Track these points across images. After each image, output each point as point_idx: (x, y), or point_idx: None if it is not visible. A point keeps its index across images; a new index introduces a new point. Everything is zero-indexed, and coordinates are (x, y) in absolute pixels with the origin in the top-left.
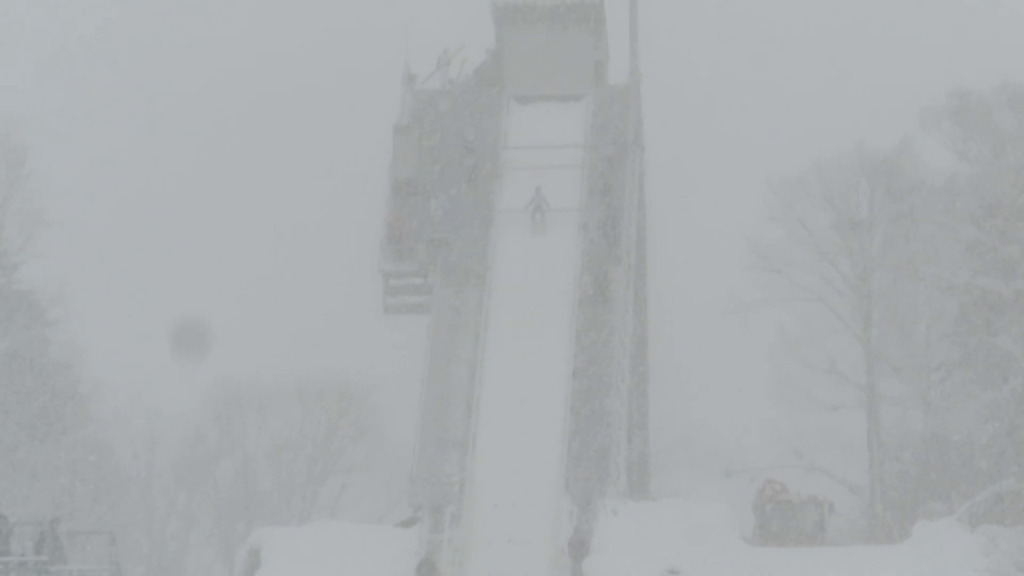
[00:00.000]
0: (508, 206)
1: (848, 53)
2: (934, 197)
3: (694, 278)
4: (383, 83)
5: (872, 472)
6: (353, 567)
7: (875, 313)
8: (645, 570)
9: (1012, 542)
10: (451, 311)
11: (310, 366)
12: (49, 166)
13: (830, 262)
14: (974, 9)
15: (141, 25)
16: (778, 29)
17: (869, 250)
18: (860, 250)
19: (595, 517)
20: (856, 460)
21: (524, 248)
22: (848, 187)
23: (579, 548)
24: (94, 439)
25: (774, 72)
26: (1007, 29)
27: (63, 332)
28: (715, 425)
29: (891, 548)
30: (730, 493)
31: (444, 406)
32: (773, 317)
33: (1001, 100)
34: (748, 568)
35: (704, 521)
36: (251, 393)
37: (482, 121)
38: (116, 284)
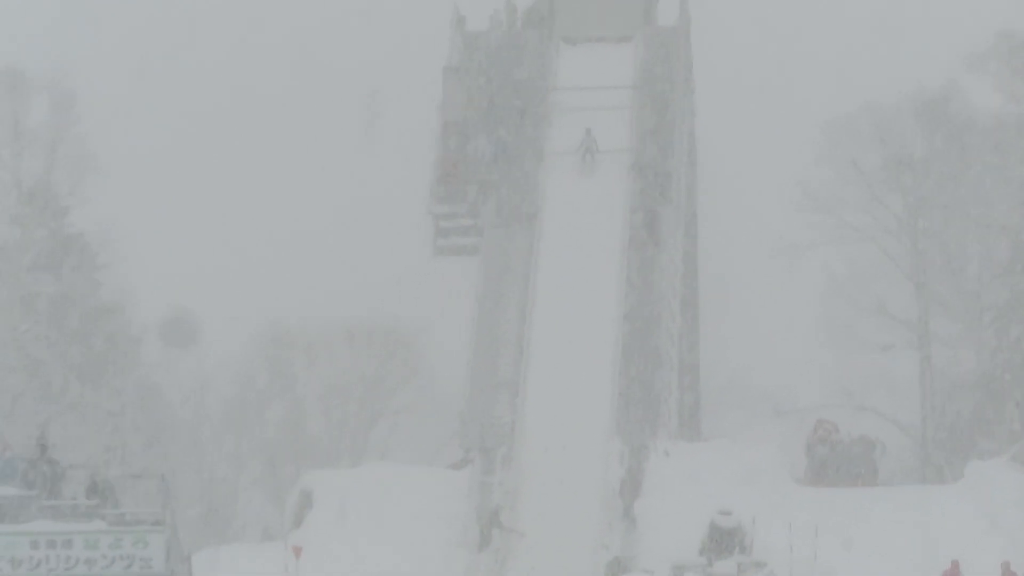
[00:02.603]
0: (558, 147)
1: None
2: (983, 137)
3: (744, 219)
4: (432, 25)
5: (924, 412)
6: (405, 508)
7: (926, 253)
8: (697, 511)
9: None
10: (501, 252)
11: (359, 308)
12: (98, 110)
13: (880, 202)
14: None
15: None
16: None
17: (920, 189)
18: (911, 189)
19: (646, 459)
20: (907, 400)
21: (574, 189)
22: (899, 126)
23: (630, 489)
24: (144, 383)
25: (822, 13)
26: None
27: (113, 276)
28: (765, 366)
29: (943, 488)
30: (781, 434)
31: (494, 348)
32: (823, 258)
33: None
34: (799, 508)
35: (755, 462)
36: (300, 335)
37: (532, 62)
38: (165, 227)
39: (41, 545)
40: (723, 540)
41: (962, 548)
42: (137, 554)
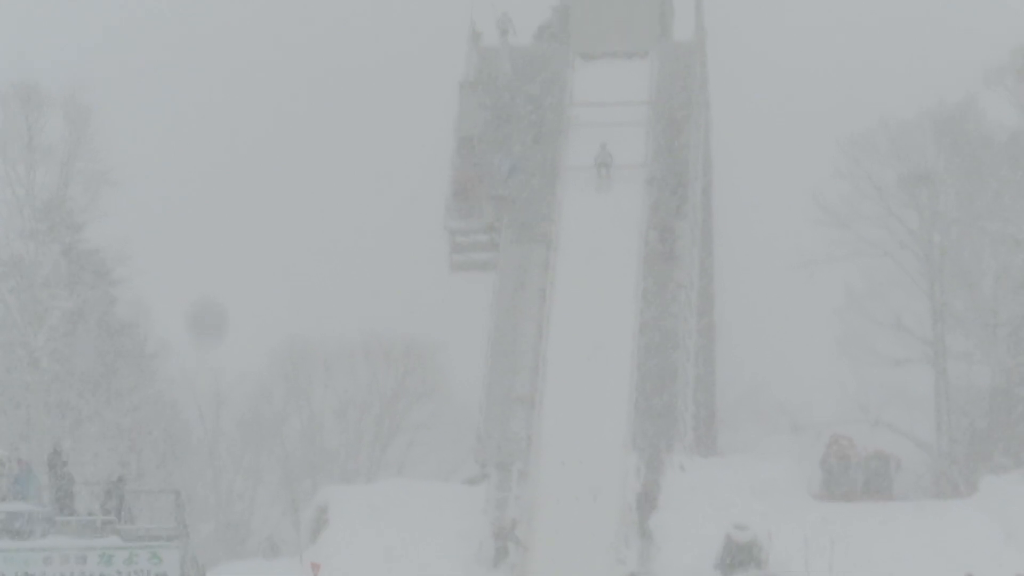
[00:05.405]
0: (574, 163)
1: (913, 9)
2: (1000, 152)
3: (760, 234)
4: (448, 41)
5: (939, 427)
6: (420, 525)
7: (942, 268)
8: (712, 525)
9: None
10: (517, 268)
11: (376, 324)
12: (114, 126)
13: (897, 217)
14: None
15: None
16: None
17: (936, 204)
18: (927, 205)
19: (662, 473)
20: (923, 415)
21: (590, 205)
22: (916, 142)
23: (646, 504)
24: (160, 398)
25: (839, 27)
26: None
27: (128, 291)
28: (781, 381)
29: (958, 503)
30: (796, 448)
31: (511, 363)
32: (839, 273)
33: None
34: (815, 522)
35: (771, 476)
36: (317, 351)
37: (547, 78)
38: (181, 242)
39: (55, 561)
40: (739, 554)
41: (977, 562)
42: (152, 570)
